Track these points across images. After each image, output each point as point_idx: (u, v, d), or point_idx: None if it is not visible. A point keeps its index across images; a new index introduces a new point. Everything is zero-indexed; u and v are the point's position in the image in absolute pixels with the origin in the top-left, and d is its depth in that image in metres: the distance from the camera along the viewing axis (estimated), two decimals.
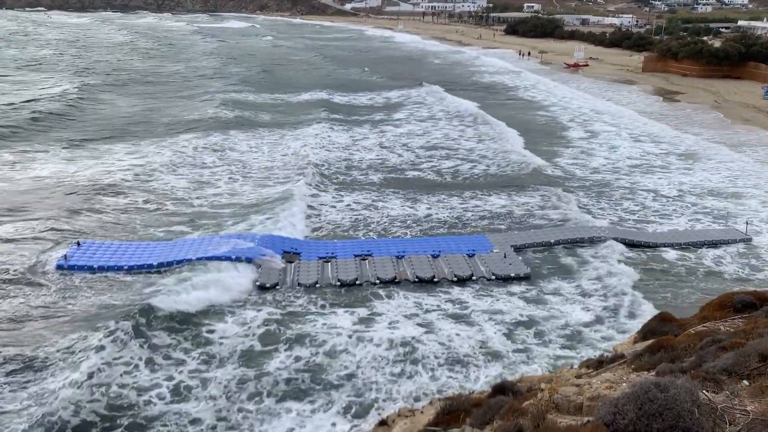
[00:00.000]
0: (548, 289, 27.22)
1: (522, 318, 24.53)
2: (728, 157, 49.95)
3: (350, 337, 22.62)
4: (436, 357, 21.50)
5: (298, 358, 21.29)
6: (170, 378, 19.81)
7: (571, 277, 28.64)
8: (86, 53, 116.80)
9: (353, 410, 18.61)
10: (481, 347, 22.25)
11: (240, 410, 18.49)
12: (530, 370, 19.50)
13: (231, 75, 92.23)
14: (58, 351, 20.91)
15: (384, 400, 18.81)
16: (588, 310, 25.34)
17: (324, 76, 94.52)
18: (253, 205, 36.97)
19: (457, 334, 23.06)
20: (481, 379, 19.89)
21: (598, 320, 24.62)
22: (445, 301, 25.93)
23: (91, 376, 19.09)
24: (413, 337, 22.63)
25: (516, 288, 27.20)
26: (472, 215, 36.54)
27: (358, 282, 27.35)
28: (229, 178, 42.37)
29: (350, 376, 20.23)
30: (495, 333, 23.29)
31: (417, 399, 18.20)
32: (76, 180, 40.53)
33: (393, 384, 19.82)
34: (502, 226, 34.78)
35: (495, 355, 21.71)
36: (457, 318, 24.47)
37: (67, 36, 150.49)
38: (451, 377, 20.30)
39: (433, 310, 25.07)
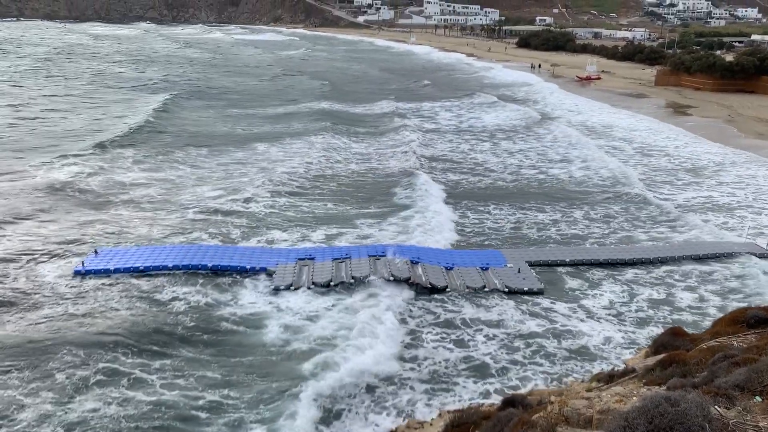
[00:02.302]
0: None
1: None
2: (743, 172, 49.59)
3: None
4: None
5: None
6: None
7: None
8: (165, 68, 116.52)
9: None
10: None
11: None
12: None
13: (301, 86, 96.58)
14: None
15: None
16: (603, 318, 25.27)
17: (383, 86, 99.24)
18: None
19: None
20: None
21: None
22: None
23: None
24: None
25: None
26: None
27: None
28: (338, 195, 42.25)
29: None
30: None
31: None
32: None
33: None
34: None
35: None
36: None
37: (127, 49, 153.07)
38: None
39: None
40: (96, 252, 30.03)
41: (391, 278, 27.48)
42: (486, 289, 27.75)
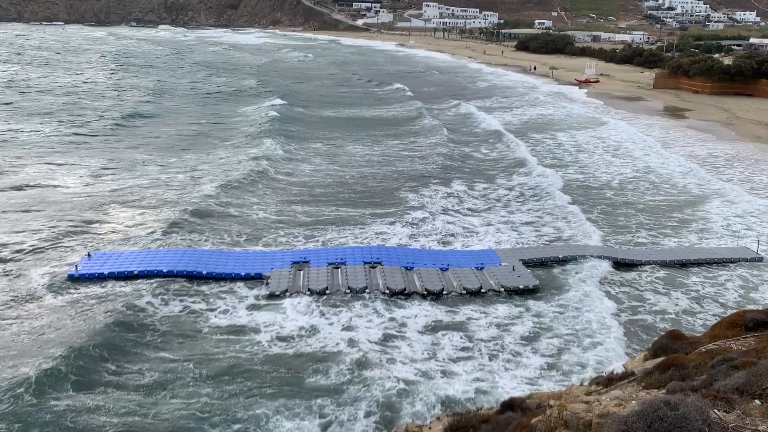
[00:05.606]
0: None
1: None
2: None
3: None
4: None
5: None
6: None
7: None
8: (244, 74, 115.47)
9: None
10: None
11: None
12: None
13: (381, 90, 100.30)
14: None
15: None
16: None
17: (439, 87, 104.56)
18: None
19: None
20: None
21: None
22: None
23: None
24: None
25: None
26: None
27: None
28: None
29: None
30: None
31: None
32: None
33: None
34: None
35: None
36: None
37: (181, 54, 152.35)
38: None
39: None
40: (89, 255, 29.88)
41: (387, 291, 27.53)
42: (483, 290, 27.87)
